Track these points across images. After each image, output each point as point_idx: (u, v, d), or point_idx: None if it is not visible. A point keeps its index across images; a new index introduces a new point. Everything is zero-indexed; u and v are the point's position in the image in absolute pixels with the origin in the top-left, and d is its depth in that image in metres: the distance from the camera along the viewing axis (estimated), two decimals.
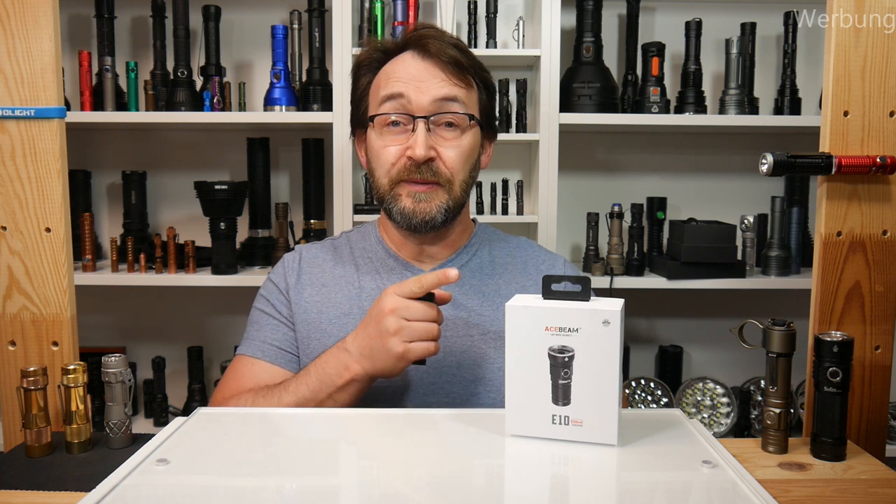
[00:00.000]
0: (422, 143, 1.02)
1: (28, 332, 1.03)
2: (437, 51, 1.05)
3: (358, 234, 1.20)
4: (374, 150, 1.08)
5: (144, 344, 2.15)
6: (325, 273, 1.15)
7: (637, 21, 1.94)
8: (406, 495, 0.72)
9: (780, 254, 1.93)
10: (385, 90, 1.05)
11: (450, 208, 1.06)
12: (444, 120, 1.05)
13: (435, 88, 1.04)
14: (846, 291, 0.99)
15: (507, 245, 1.20)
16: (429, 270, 1.13)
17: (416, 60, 1.06)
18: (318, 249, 1.19)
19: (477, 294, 1.12)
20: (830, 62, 0.97)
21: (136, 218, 2.00)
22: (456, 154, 1.06)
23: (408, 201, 1.05)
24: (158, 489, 0.71)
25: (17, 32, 0.99)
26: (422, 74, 1.05)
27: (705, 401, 2.05)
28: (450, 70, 1.05)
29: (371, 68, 1.11)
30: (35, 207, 1.02)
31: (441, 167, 1.05)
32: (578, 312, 0.79)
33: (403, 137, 1.05)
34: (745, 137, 2.11)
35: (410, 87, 1.04)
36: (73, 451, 0.92)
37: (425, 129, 1.03)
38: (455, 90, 1.05)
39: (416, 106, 1.04)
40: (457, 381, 1.06)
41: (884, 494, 0.80)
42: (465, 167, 1.08)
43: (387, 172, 1.06)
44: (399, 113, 1.04)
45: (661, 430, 0.86)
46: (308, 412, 0.95)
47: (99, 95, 1.89)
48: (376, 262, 1.15)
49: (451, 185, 1.06)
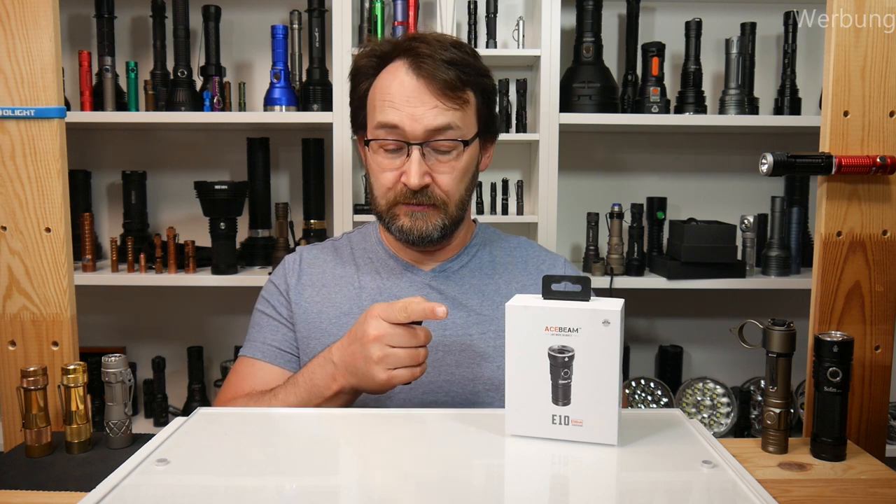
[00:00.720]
0: (416, 172, 1.03)
1: (28, 332, 1.03)
2: (430, 71, 1.03)
3: (359, 235, 1.21)
4: (372, 169, 1.09)
5: (144, 344, 2.15)
6: (326, 273, 1.15)
7: (637, 21, 1.94)
8: (406, 495, 0.72)
9: (780, 254, 1.93)
10: (381, 116, 1.04)
11: (446, 226, 1.07)
12: (439, 147, 1.05)
13: (429, 118, 1.03)
14: (846, 291, 0.99)
15: (508, 245, 1.21)
16: (429, 271, 1.13)
17: (409, 78, 1.04)
18: (318, 250, 1.20)
19: (477, 293, 1.12)
20: (830, 62, 0.97)
21: (136, 218, 2.00)
22: (451, 178, 1.06)
23: (405, 220, 1.07)
24: (158, 489, 0.71)
25: (17, 32, 0.99)
26: (416, 97, 1.03)
27: (705, 401, 2.05)
28: (443, 93, 1.03)
29: (368, 74, 1.10)
30: (35, 207, 1.02)
31: (436, 191, 1.06)
32: (578, 312, 0.79)
33: (399, 161, 1.05)
34: (745, 137, 2.11)
35: (405, 117, 1.03)
36: (73, 451, 0.91)
37: (420, 156, 1.03)
38: (449, 117, 1.03)
39: (410, 135, 1.03)
40: (456, 381, 1.06)
41: (884, 494, 0.80)
42: (461, 186, 1.08)
43: (384, 195, 1.07)
44: (394, 140, 1.05)
45: (661, 430, 0.86)
46: (308, 412, 0.95)
47: (99, 95, 1.89)
48: (377, 263, 1.15)
49: (446, 207, 1.07)
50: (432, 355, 1.06)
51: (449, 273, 1.14)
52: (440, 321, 1.07)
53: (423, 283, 1.13)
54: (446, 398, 1.05)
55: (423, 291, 1.11)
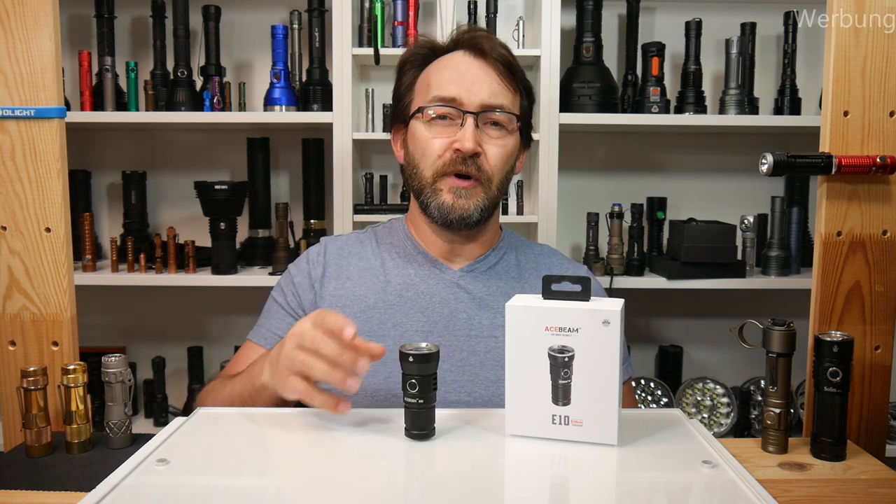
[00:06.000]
0: (470, 137, 1.04)
1: (28, 332, 1.03)
2: (489, 49, 1.07)
3: (384, 230, 1.21)
4: (420, 140, 1.09)
5: (144, 344, 2.15)
6: (351, 266, 1.15)
7: (637, 21, 1.94)
8: (406, 495, 0.72)
9: (780, 254, 1.93)
10: (436, 91, 1.07)
11: (486, 207, 1.08)
12: (491, 119, 1.07)
13: (485, 94, 1.06)
14: (846, 291, 0.99)
15: (532, 251, 1.22)
16: (457, 269, 1.13)
17: (468, 58, 1.09)
18: (343, 241, 1.19)
19: (503, 296, 1.12)
20: (830, 62, 0.97)
21: (136, 218, 2.00)
22: (499, 153, 1.08)
23: (448, 196, 1.07)
24: (158, 489, 0.71)
25: (17, 32, 0.99)
26: (475, 74, 1.07)
27: (705, 401, 2.05)
28: (501, 71, 1.08)
29: (416, 64, 1.13)
30: (35, 207, 1.02)
31: (484, 164, 1.07)
32: (578, 312, 0.79)
33: (451, 131, 1.07)
34: (745, 137, 2.11)
35: (463, 90, 1.06)
36: (73, 451, 0.92)
37: (474, 125, 1.05)
38: (504, 96, 1.08)
39: (467, 105, 1.06)
40: (479, 381, 1.06)
41: (884, 494, 0.80)
42: (505, 168, 1.10)
43: (432, 164, 1.08)
44: (449, 107, 1.06)
45: (661, 430, 0.86)
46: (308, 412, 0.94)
47: (99, 95, 1.89)
48: (404, 258, 1.15)
49: (490, 184, 1.08)
50: (457, 355, 1.07)
51: (477, 274, 1.14)
52: (466, 322, 1.08)
53: (451, 281, 1.12)
54: (469, 398, 1.05)
55: (451, 290, 1.11)
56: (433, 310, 1.10)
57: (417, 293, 1.11)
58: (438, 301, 1.10)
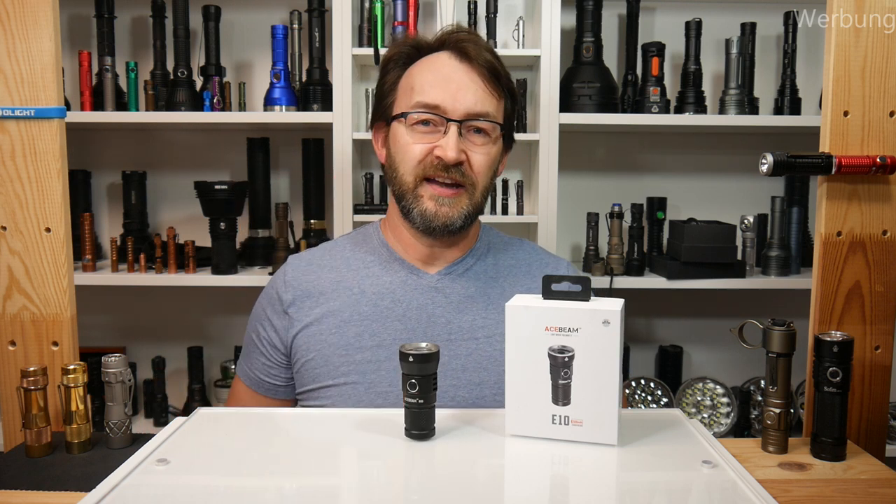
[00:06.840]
0: (453, 146, 1.03)
1: (28, 332, 1.03)
2: (474, 55, 1.06)
3: (359, 236, 1.19)
4: (401, 144, 1.07)
5: (144, 344, 2.15)
6: (322, 280, 1.13)
7: (637, 21, 1.94)
8: (406, 495, 0.72)
9: (780, 254, 1.93)
10: (420, 96, 1.05)
11: (470, 213, 1.07)
12: (475, 126, 1.06)
13: (470, 101, 1.05)
14: (846, 291, 0.99)
15: (511, 248, 1.20)
16: (434, 274, 1.12)
17: (453, 61, 1.07)
18: (311, 256, 1.17)
19: (482, 298, 1.11)
20: (830, 62, 0.97)
21: (136, 218, 2.00)
22: (483, 160, 1.07)
23: (430, 203, 1.05)
24: (158, 489, 0.71)
25: (17, 32, 0.99)
26: (459, 79, 1.05)
27: (705, 401, 2.05)
28: (486, 76, 1.06)
29: (400, 63, 1.11)
30: (35, 207, 1.02)
31: (468, 170, 1.06)
32: (578, 312, 0.79)
33: (433, 137, 1.05)
34: (745, 137, 2.11)
35: (447, 97, 1.04)
36: (73, 451, 0.92)
37: (457, 134, 1.04)
38: (489, 103, 1.06)
39: (451, 112, 1.04)
40: (462, 385, 1.06)
41: (884, 494, 0.80)
42: (489, 174, 1.09)
43: (412, 169, 1.06)
44: (432, 114, 1.05)
45: (661, 430, 0.86)
46: (308, 412, 0.95)
47: (99, 95, 1.89)
48: (380, 265, 1.13)
49: (474, 190, 1.07)
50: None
51: (454, 276, 1.12)
52: (445, 326, 1.07)
53: (429, 285, 1.11)
54: (452, 402, 1.04)
55: (428, 295, 1.10)
56: (410, 317, 1.08)
57: (394, 301, 1.09)
58: (416, 307, 1.09)
